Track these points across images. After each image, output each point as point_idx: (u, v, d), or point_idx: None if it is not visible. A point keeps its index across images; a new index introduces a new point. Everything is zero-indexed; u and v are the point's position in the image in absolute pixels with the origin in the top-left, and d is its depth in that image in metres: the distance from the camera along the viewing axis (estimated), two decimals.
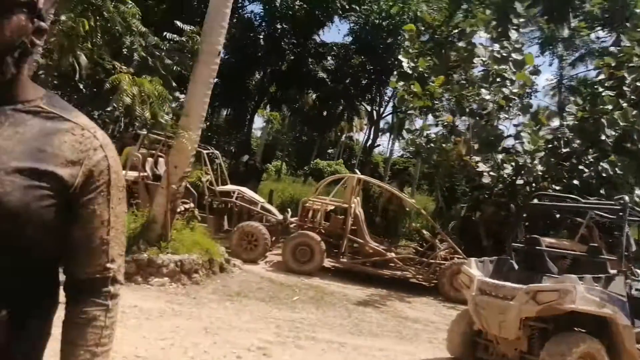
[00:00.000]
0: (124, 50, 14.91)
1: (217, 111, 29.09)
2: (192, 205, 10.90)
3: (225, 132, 29.44)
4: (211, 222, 11.54)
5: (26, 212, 1.10)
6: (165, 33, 13.79)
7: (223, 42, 9.09)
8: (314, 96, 27.63)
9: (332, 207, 11.35)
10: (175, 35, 12.72)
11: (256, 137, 39.87)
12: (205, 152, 11.97)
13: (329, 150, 44.73)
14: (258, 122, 49.75)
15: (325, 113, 28.27)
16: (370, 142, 29.49)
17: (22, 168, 1.11)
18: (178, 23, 11.64)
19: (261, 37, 23.67)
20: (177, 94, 14.62)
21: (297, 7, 21.99)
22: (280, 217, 11.79)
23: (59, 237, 1.19)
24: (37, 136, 1.16)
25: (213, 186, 12.17)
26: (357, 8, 23.47)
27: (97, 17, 13.55)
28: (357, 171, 13.31)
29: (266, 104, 29.66)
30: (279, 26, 22.91)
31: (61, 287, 1.28)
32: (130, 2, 14.48)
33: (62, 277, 1.28)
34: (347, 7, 22.78)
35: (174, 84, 14.35)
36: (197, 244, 8.84)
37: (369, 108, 28.50)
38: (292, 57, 23.96)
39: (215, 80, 9.62)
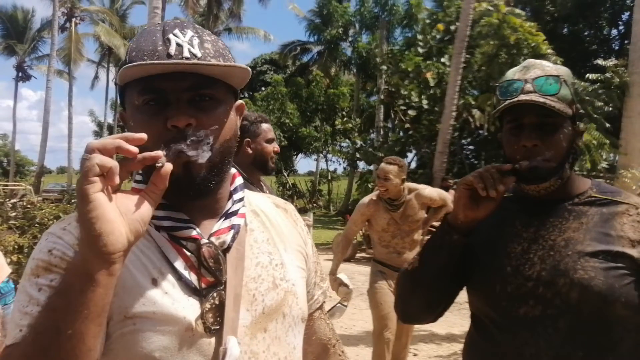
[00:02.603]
0: None
1: None
2: None
3: None
4: None
5: (612, 292, 1.22)
6: (587, 75, 12.17)
7: None
8: None
9: None
10: (598, 75, 11.09)
11: None
12: None
13: None
14: None
15: None
16: None
17: (596, 252, 1.25)
18: (598, 61, 11.09)
19: None
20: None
21: None
22: None
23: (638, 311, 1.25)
24: (599, 222, 1.29)
25: None
26: None
27: None
28: None
29: None
30: None
31: None
32: (552, 55, 12.63)
33: None
34: None
35: (607, 125, 12.60)
36: None
37: None
38: None
39: None
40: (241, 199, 1.01)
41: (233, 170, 1.04)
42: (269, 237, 1.04)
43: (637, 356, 1.30)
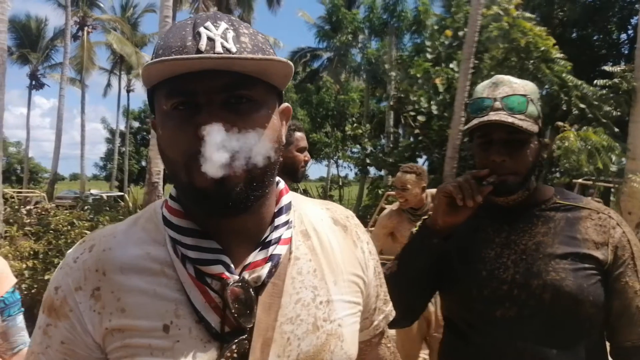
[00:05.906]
0: (562, 106, 13.29)
1: None
2: None
3: None
4: None
5: (581, 292, 1.30)
6: (595, 81, 12.75)
7: None
8: None
9: None
10: (606, 80, 11.92)
11: None
12: None
13: None
14: None
15: None
16: None
17: (565, 255, 1.33)
18: (605, 68, 11.58)
19: None
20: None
21: None
22: None
23: (604, 310, 1.35)
24: (565, 227, 1.38)
25: None
26: None
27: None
28: None
29: None
30: None
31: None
32: (561, 60, 13.26)
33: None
34: None
35: (615, 129, 12.75)
36: None
37: None
38: None
39: None
40: (285, 223, 0.86)
41: (282, 185, 0.90)
42: (317, 267, 0.88)
43: (600, 348, 1.42)
